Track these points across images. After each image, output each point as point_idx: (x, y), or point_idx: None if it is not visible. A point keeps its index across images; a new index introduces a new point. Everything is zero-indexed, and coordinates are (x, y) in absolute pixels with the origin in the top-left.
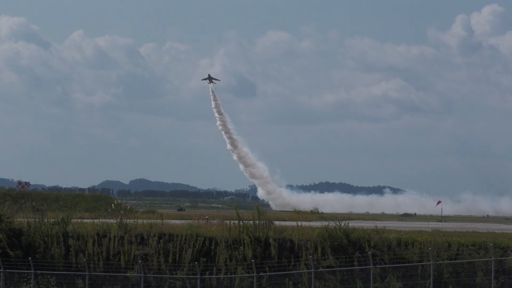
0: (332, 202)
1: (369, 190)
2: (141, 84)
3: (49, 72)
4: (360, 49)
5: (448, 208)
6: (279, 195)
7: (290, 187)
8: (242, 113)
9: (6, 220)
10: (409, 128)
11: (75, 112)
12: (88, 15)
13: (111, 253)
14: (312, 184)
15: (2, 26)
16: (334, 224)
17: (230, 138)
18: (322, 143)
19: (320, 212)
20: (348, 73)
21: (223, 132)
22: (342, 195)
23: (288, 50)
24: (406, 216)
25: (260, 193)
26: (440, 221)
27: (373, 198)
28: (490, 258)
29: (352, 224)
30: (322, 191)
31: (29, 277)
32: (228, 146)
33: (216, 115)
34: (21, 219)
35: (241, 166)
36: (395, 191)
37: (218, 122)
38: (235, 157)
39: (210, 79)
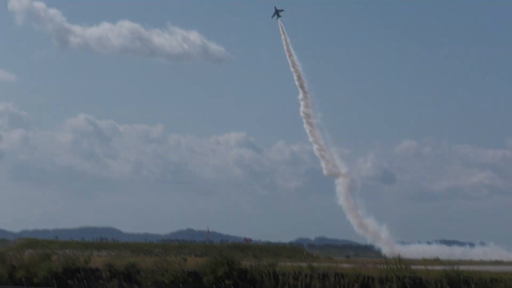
0: (434, 252)
1: (462, 244)
2: (318, 176)
3: (261, 167)
4: (463, 152)
5: None
6: (396, 248)
7: (415, 242)
8: (386, 194)
9: (236, 262)
10: None
11: (278, 193)
12: (287, 130)
13: (305, 285)
14: (431, 240)
15: (232, 138)
16: (449, 267)
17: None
18: (437, 215)
19: (439, 259)
20: (456, 168)
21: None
22: (441, 246)
23: (415, 153)
24: (497, 263)
25: (379, 247)
26: None
27: (466, 249)
28: None
29: (462, 267)
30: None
31: None
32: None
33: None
34: (245, 262)
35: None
36: (482, 244)
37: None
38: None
39: (277, 12)
